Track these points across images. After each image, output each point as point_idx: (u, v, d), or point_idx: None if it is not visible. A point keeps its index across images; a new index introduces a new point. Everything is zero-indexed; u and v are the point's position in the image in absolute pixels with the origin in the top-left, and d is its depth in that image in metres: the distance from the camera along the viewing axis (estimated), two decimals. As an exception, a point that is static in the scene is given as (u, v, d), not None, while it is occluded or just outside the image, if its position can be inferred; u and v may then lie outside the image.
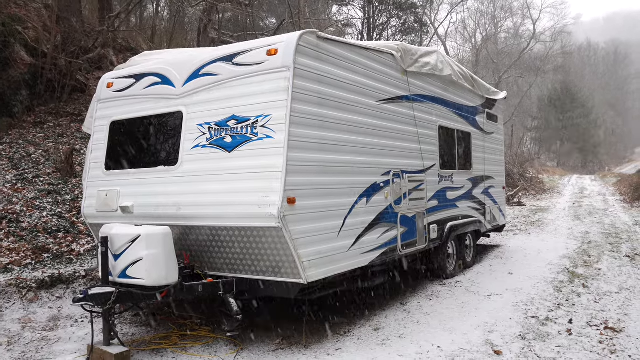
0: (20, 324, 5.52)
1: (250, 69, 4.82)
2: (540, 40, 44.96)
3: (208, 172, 4.90)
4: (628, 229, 13.44)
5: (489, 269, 8.45)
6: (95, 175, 5.91)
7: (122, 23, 14.30)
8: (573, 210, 18.72)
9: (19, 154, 9.71)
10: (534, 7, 55.72)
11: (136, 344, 5.12)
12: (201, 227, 4.97)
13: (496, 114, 10.05)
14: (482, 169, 9.12)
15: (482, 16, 46.86)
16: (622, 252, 9.87)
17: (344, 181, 5.21)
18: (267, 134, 4.58)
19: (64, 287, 6.27)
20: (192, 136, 5.09)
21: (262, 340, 5.15)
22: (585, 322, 5.55)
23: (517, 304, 6.27)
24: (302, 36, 4.73)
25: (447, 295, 6.78)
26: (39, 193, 8.50)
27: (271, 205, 4.42)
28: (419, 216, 6.68)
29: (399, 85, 6.35)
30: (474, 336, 5.13)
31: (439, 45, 39.68)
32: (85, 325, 5.57)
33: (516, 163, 30.85)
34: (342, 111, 5.23)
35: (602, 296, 6.61)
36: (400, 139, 6.31)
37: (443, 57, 7.60)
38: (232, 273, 5.01)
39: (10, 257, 6.66)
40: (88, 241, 7.62)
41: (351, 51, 5.46)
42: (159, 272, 4.57)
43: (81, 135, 10.93)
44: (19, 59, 11.14)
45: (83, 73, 13.07)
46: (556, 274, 7.91)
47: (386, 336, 5.21)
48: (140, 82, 5.67)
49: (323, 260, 4.82)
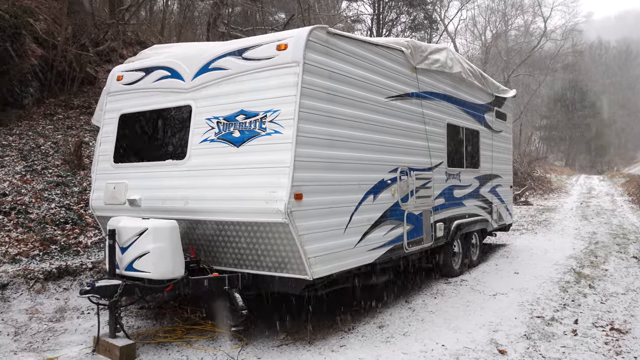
0: (27, 315, 5.56)
1: (259, 64, 4.81)
2: (551, 38, 44.57)
3: (216, 167, 4.91)
4: (636, 229, 13.34)
5: (495, 268, 8.42)
6: (103, 168, 5.94)
7: (132, 16, 14.31)
8: (580, 210, 18.61)
9: (29, 146, 9.77)
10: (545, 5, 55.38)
11: (142, 336, 5.15)
12: (208, 222, 4.99)
13: (505, 112, 9.99)
14: (489, 167, 9.08)
15: (492, 13, 46.53)
16: (630, 253, 9.81)
17: (351, 178, 5.20)
18: (275, 129, 4.58)
19: (71, 278, 6.32)
20: (200, 130, 5.10)
21: (266, 336, 5.17)
22: (591, 323, 5.53)
23: (523, 304, 6.25)
24: (312, 31, 4.72)
25: (452, 293, 6.76)
26: (48, 185, 8.55)
27: (278, 201, 4.43)
28: (426, 214, 6.67)
29: (408, 82, 6.33)
30: (478, 335, 5.12)
31: (449, 42, 39.46)
32: (91, 317, 5.61)
33: (524, 162, 30.68)
34: (351, 107, 5.22)
35: (608, 297, 6.57)
36: (408, 136, 6.29)
37: (453, 54, 7.56)
38: (238, 268, 5.02)
39: (18, 247, 6.71)
40: (95, 233, 7.66)
41: (361, 47, 5.44)
42: (165, 266, 4.59)
43: (90, 127, 10.98)
44: (29, 51, 11.19)
45: (93, 65, 13.12)
46: (562, 274, 7.88)
47: (390, 334, 5.21)
48: (149, 75, 5.69)
49: (329, 257, 4.82)
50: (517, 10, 46.72)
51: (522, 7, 46.64)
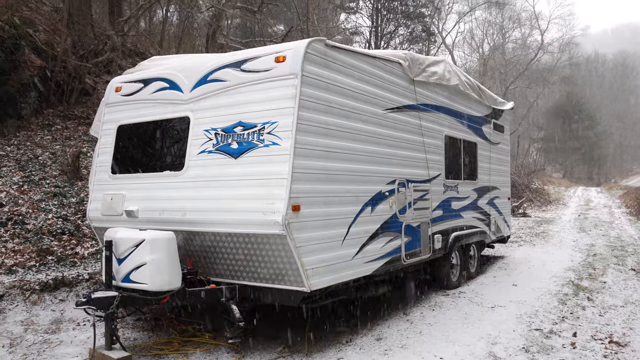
0: (23, 326, 5.52)
1: (258, 76, 4.83)
2: (548, 51, 44.94)
3: (214, 178, 4.91)
4: (634, 242, 13.35)
5: (493, 280, 8.40)
6: (101, 179, 5.93)
7: (131, 27, 14.39)
8: (578, 222, 18.62)
9: (26, 156, 9.76)
10: (542, 18, 55.51)
11: (138, 349, 5.11)
12: (205, 233, 4.98)
13: (503, 125, 10.03)
14: (487, 179, 9.09)
15: (489, 26, 46.89)
16: (628, 265, 9.80)
17: (349, 189, 5.20)
18: (273, 140, 4.59)
19: (67, 290, 6.28)
20: (198, 142, 5.10)
21: (264, 348, 5.13)
22: (589, 336, 5.50)
23: (521, 316, 6.22)
24: (311, 44, 4.75)
25: (450, 305, 6.74)
26: (45, 195, 8.53)
27: (276, 213, 4.42)
28: (424, 226, 6.66)
29: (406, 94, 6.35)
30: (477, 348, 5.10)
31: (447, 55, 39.70)
32: (87, 329, 5.57)
33: (522, 174, 30.75)
34: (349, 119, 5.23)
35: (607, 309, 6.55)
36: (406, 148, 6.31)
37: (450, 67, 7.60)
38: (235, 279, 5.00)
39: (14, 258, 6.68)
40: (92, 244, 7.63)
41: (359, 59, 5.47)
42: (162, 277, 4.57)
43: (88, 138, 10.98)
44: (28, 62, 11.22)
45: (92, 76, 13.15)
46: (561, 287, 7.86)
47: (388, 346, 5.17)
48: (148, 86, 5.70)
49: (326, 269, 4.80)
50: (515, 23, 47.13)
51: (520, 20, 47.06)
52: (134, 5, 15.77)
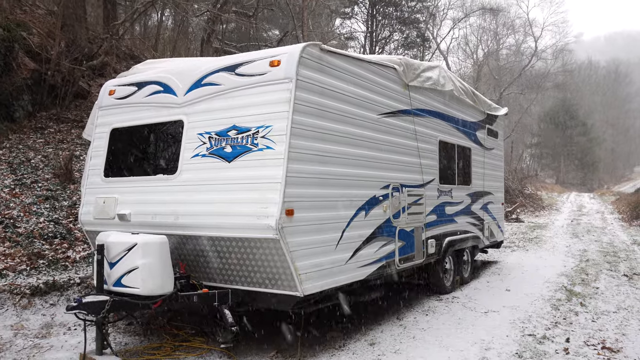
0: (13, 331, 5.46)
1: (252, 80, 4.82)
2: (542, 57, 45.17)
3: (207, 182, 4.89)
4: (626, 247, 13.40)
5: (486, 285, 8.40)
6: (93, 182, 5.89)
7: (126, 31, 14.35)
8: (571, 228, 18.68)
9: (19, 159, 9.69)
10: (535, 25, 55.77)
11: (129, 353, 5.06)
12: (198, 237, 4.95)
13: (496, 130, 10.07)
14: (481, 184, 9.11)
15: (484, 32, 47.06)
16: (620, 271, 9.83)
17: (343, 194, 5.20)
18: (267, 144, 4.58)
19: (58, 294, 6.23)
20: (192, 145, 5.08)
21: (256, 353, 5.10)
22: (582, 342, 5.51)
23: (514, 322, 6.22)
24: (305, 48, 4.75)
25: (443, 310, 6.73)
26: (37, 198, 8.47)
27: (269, 217, 4.40)
28: (417, 230, 6.66)
29: (400, 99, 6.36)
30: (470, 353, 5.09)
31: (441, 60, 39.84)
32: (78, 334, 5.52)
33: (515, 179, 30.85)
34: (343, 124, 5.23)
35: (599, 315, 6.56)
36: (400, 153, 6.31)
37: (445, 72, 7.62)
38: (228, 284, 4.97)
39: (5, 262, 6.62)
40: (84, 248, 7.57)
41: (354, 64, 5.47)
42: (154, 282, 4.53)
43: (81, 141, 10.92)
44: (22, 65, 11.16)
45: (85, 80, 13.09)
46: (554, 292, 7.87)
47: (381, 351, 5.16)
48: (142, 90, 5.68)
49: (320, 273, 4.79)
50: (509, 29, 47.31)
51: (514, 26, 47.24)
52: (129, 8, 15.73)
